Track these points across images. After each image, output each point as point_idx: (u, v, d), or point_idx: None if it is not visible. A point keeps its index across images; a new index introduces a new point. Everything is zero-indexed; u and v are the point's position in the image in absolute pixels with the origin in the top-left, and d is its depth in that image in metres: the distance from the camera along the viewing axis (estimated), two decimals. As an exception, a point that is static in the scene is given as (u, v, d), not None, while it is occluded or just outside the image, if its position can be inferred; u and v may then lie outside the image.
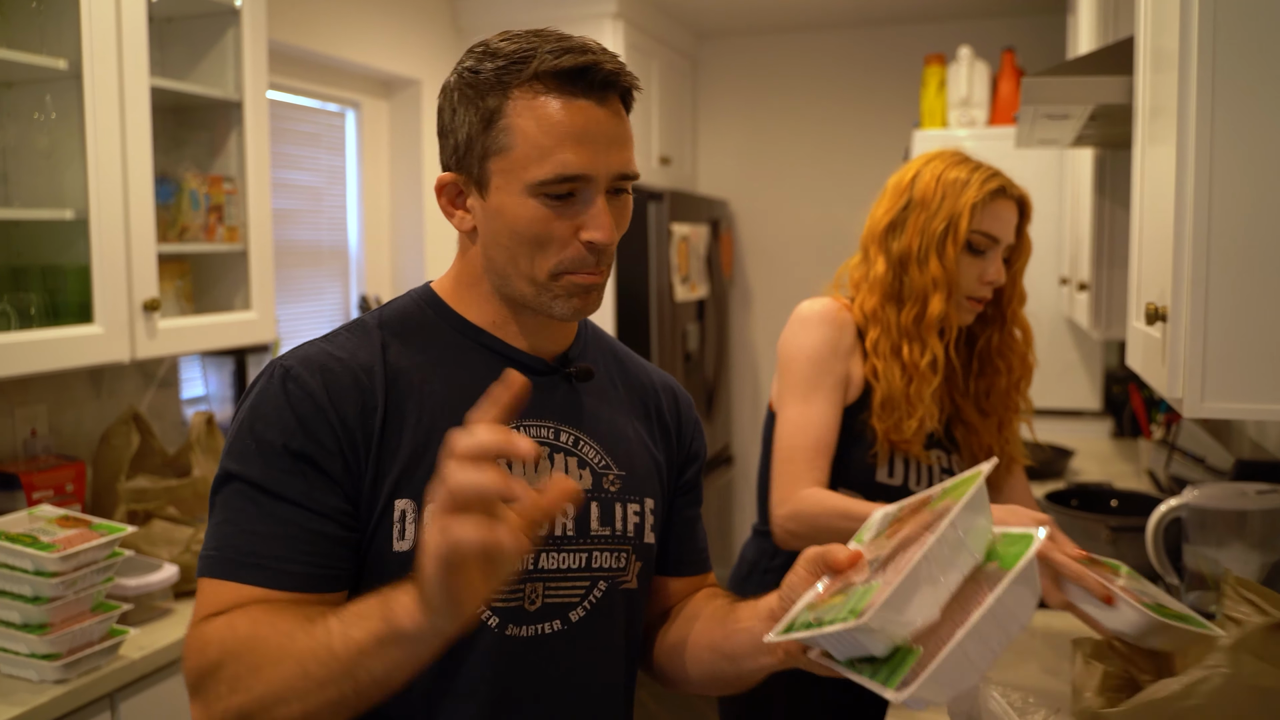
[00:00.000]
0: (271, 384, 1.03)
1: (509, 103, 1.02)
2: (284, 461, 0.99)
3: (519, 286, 1.07)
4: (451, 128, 1.06)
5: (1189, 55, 1.27)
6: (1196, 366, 1.29)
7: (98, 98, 2.03)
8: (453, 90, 1.06)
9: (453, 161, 1.07)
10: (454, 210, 1.09)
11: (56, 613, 1.62)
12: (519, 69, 1.01)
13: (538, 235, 1.03)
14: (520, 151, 1.01)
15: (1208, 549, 1.70)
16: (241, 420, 1.03)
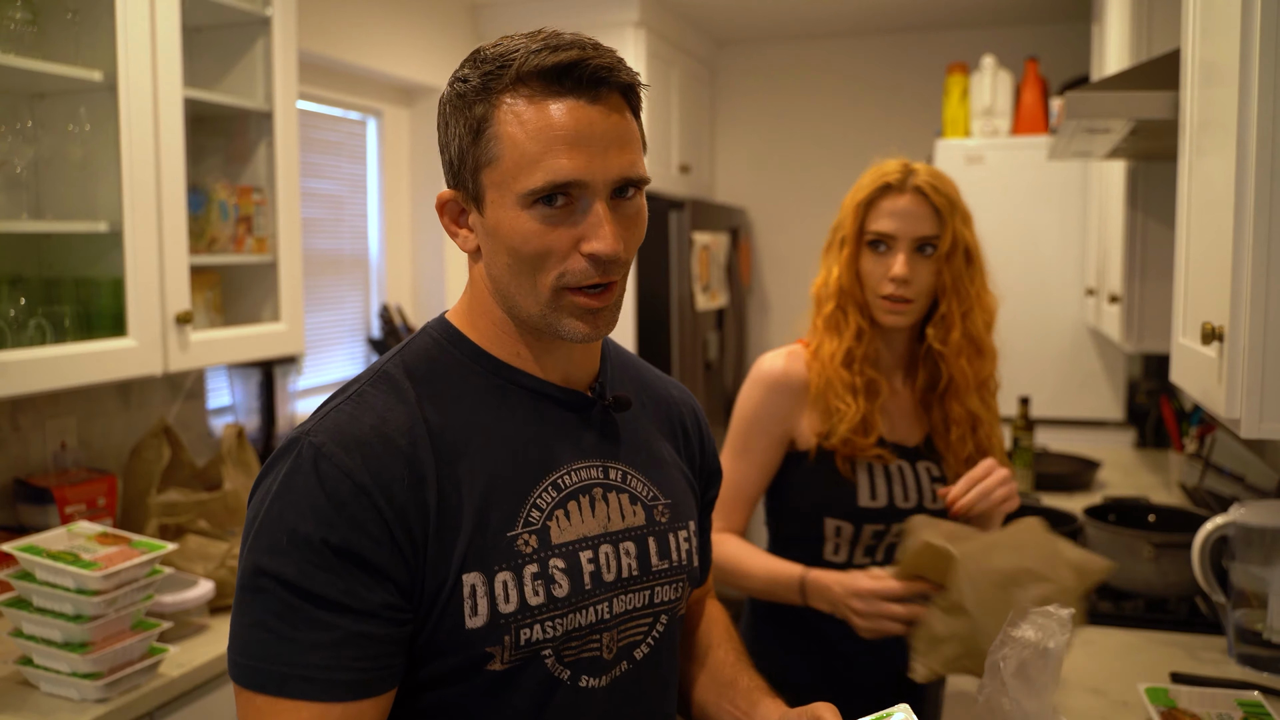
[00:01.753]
0: (301, 466, 0.92)
1: (495, 110, 0.94)
2: (324, 558, 0.89)
3: (526, 308, 0.99)
4: (445, 142, 0.98)
5: (1249, 68, 1.26)
6: (1256, 387, 1.28)
7: (132, 109, 2.02)
8: (445, 102, 0.99)
9: (450, 178, 1.00)
10: (457, 230, 1.01)
11: (98, 631, 1.61)
12: (502, 72, 0.94)
13: (536, 250, 0.94)
14: (509, 161, 0.93)
15: (1255, 567, 1.69)
16: (269, 508, 0.92)
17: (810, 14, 4.29)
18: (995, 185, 3.75)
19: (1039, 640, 1.12)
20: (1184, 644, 1.83)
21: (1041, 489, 2.92)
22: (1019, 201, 3.74)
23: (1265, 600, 1.68)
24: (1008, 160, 3.74)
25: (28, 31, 1.95)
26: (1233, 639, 1.73)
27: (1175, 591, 1.94)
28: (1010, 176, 3.74)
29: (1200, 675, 1.66)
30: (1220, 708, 1.46)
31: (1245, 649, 1.71)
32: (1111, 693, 1.62)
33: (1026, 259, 3.75)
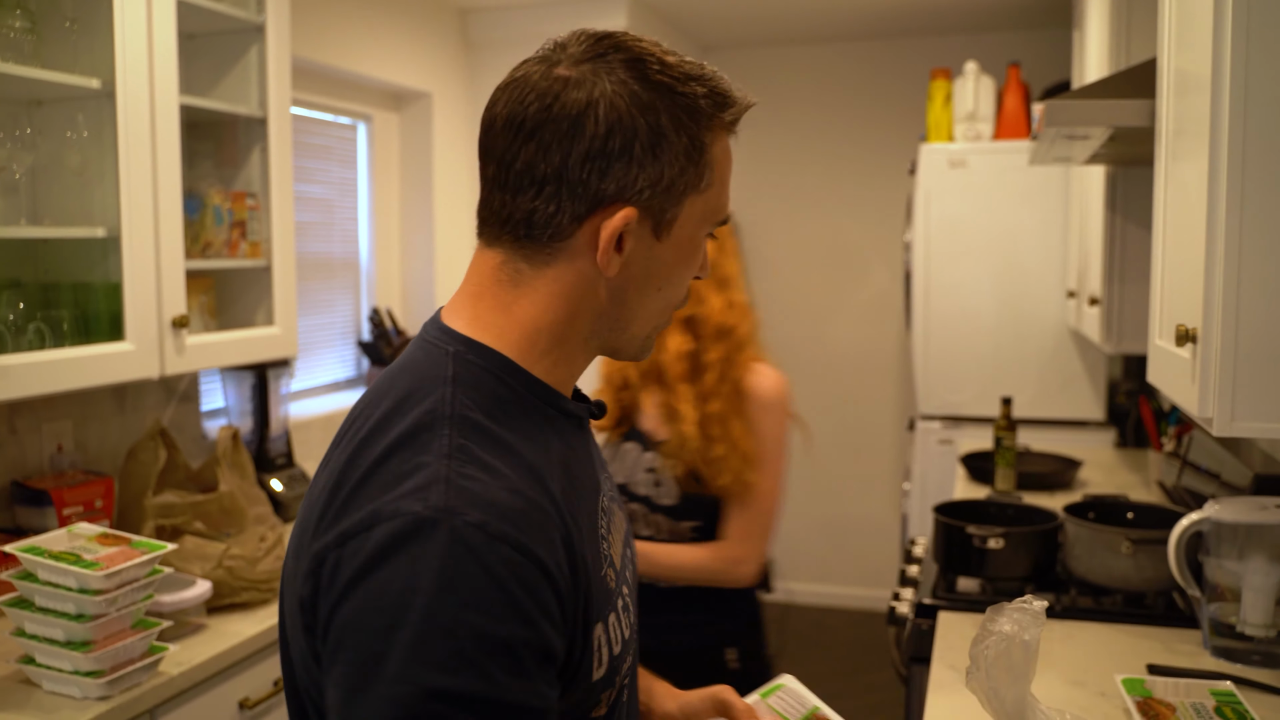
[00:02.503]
0: (463, 553, 0.75)
1: (714, 142, 0.90)
2: (516, 663, 0.75)
3: (635, 333, 0.94)
4: (652, 154, 0.86)
5: (1221, 79, 1.31)
6: (1227, 387, 1.32)
7: (130, 116, 2.05)
8: (656, 109, 0.86)
9: (643, 195, 0.87)
10: (614, 252, 0.88)
11: (100, 630, 1.64)
12: (727, 102, 0.90)
13: (685, 277, 0.94)
14: (716, 190, 0.92)
15: (1228, 562, 1.74)
16: (428, 611, 0.74)
17: (795, 19, 4.34)
18: (978, 189, 3.81)
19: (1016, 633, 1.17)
20: (1161, 637, 1.88)
21: (1023, 488, 2.97)
22: (1002, 205, 3.80)
23: (1239, 594, 1.73)
24: (990, 164, 3.80)
25: (26, 39, 1.98)
26: (1207, 632, 1.78)
27: (1153, 586, 1.99)
28: (993, 180, 3.80)
29: (1175, 667, 1.71)
30: (1194, 697, 1.51)
31: (1219, 641, 1.76)
32: (1090, 684, 1.67)
33: (1009, 262, 3.81)
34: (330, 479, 0.86)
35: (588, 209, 0.87)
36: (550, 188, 0.86)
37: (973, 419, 3.88)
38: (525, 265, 0.90)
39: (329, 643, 0.78)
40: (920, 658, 1.99)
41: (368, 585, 0.76)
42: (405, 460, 0.81)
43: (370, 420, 0.87)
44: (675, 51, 0.90)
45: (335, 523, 0.81)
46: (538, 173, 0.86)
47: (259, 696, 1.97)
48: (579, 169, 0.85)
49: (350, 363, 3.67)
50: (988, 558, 2.09)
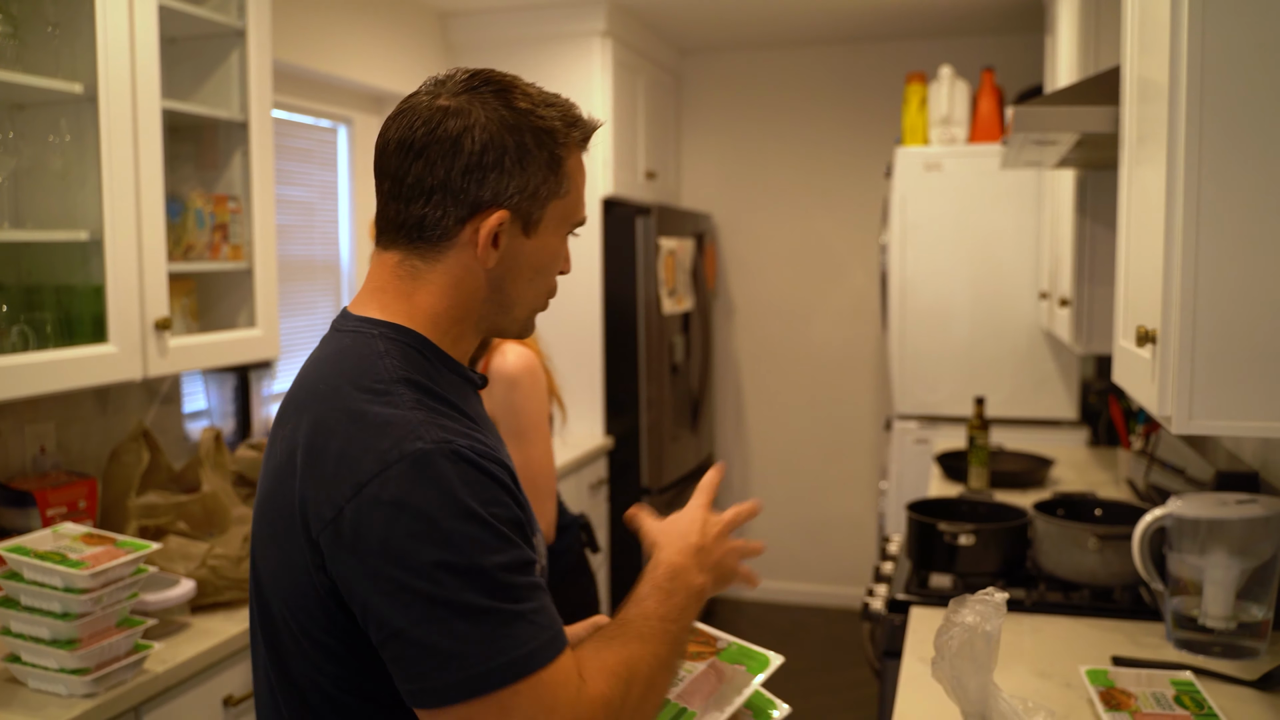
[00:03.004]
0: (452, 466, 0.96)
1: (569, 153, 1.11)
2: (519, 530, 0.98)
3: (515, 315, 1.14)
4: (519, 166, 1.06)
5: (1178, 86, 1.35)
6: (1185, 387, 1.37)
7: (112, 120, 2.07)
8: (519, 128, 1.06)
9: (512, 199, 1.06)
10: (490, 248, 1.07)
11: (85, 628, 1.66)
12: (576, 124, 1.11)
13: (554, 269, 1.15)
14: (573, 197, 1.13)
15: (1191, 556, 1.78)
16: (443, 511, 0.94)
17: (773, 23, 4.39)
18: (953, 192, 3.87)
19: (978, 623, 1.21)
20: (1126, 630, 1.93)
21: (997, 486, 3.03)
22: (976, 207, 3.85)
23: (1200, 588, 1.78)
24: (965, 167, 3.85)
25: (8, 44, 2.00)
26: (1170, 624, 1.83)
27: (1119, 581, 2.04)
28: (967, 183, 3.85)
29: (1139, 658, 1.76)
30: (1155, 687, 1.56)
31: (1182, 634, 1.81)
32: (1056, 675, 1.71)
33: (983, 263, 3.86)
34: (296, 445, 1.01)
35: (468, 212, 1.06)
36: (437, 196, 1.06)
37: (948, 418, 3.93)
38: (420, 262, 1.09)
39: (380, 570, 0.93)
40: (893, 652, 2.03)
41: (410, 512, 0.93)
42: (378, 417, 0.98)
43: (318, 396, 1.03)
44: (534, 85, 1.12)
45: (338, 479, 0.96)
46: (426, 185, 1.06)
47: (243, 694, 1.99)
48: (460, 180, 1.05)
49: (331, 364, 3.68)
50: (959, 554, 2.13)
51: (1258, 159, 1.30)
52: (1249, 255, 1.32)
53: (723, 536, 1.19)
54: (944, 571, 2.17)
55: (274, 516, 1.02)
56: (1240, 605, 1.76)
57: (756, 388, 5.04)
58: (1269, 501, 1.77)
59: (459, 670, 0.91)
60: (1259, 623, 1.76)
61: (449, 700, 0.92)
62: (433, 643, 0.92)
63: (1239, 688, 1.65)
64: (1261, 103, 1.30)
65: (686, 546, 1.14)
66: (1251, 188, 1.31)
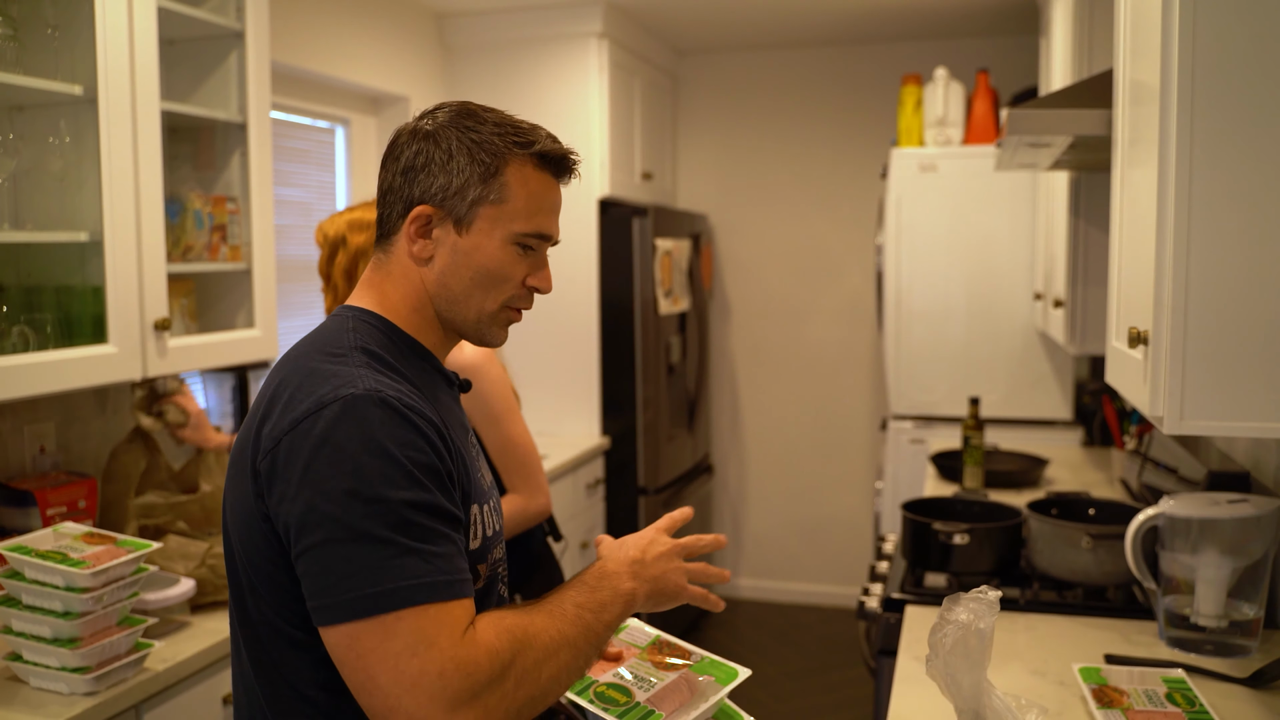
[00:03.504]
0: (375, 410, 1.07)
1: (508, 165, 1.21)
2: (436, 478, 1.08)
3: (465, 314, 1.24)
4: (443, 168, 1.20)
5: (1169, 89, 1.36)
6: (1176, 388, 1.38)
7: (111, 121, 2.07)
8: (449, 138, 1.20)
9: (436, 197, 1.20)
10: (417, 238, 1.21)
11: (86, 627, 1.67)
12: (523, 142, 1.21)
13: (503, 275, 1.22)
14: (512, 206, 1.21)
15: (1183, 555, 1.80)
16: (360, 446, 1.04)
17: (769, 25, 4.40)
18: (948, 193, 3.88)
19: (971, 621, 1.23)
20: (1119, 629, 1.94)
21: (991, 486, 3.04)
22: (971, 208, 3.87)
23: (1193, 586, 1.80)
24: (960, 169, 3.87)
25: (8, 46, 2.00)
26: (1163, 623, 1.85)
27: (1112, 580, 2.06)
28: (963, 184, 3.87)
29: (1131, 656, 1.78)
30: (1147, 685, 1.57)
31: (1174, 632, 1.83)
32: (1050, 673, 1.73)
33: (978, 264, 3.88)
34: (263, 398, 1.15)
35: (404, 208, 1.22)
36: (389, 196, 1.24)
37: (944, 419, 3.95)
38: (384, 255, 1.26)
39: (297, 494, 1.05)
40: (888, 650, 2.05)
41: (331, 445, 1.05)
42: (328, 372, 1.11)
43: (287, 361, 1.18)
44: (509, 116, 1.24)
45: (282, 418, 1.09)
46: (383, 188, 1.25)
47: (242, 693, 2.00)
48: (399, 180, 1.23)
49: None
50: (954, 553, 2.15)
51: (1248, 161, 1.32)
52: (1240, 257, 1.33)
53: (668, 556, 1.27)
54: (939, 570, 2.19)
55: (235, 458, 1.15)
56: (1231, 604, 1.77)
57: (753, 388, 5.05)
58: (1260, 501, 1.79)
59: (348, 590, 1.01)
60: (1250, 621, 1.77)
61: (337, 618, 1.02)
62: (330, 563, 1.02)
63: (1230, 685, 1.67)
64: (1252, 105, 1.31)
65: (624, 557, 1.24)
66: (1242, 190, 1.33)
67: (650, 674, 1.32)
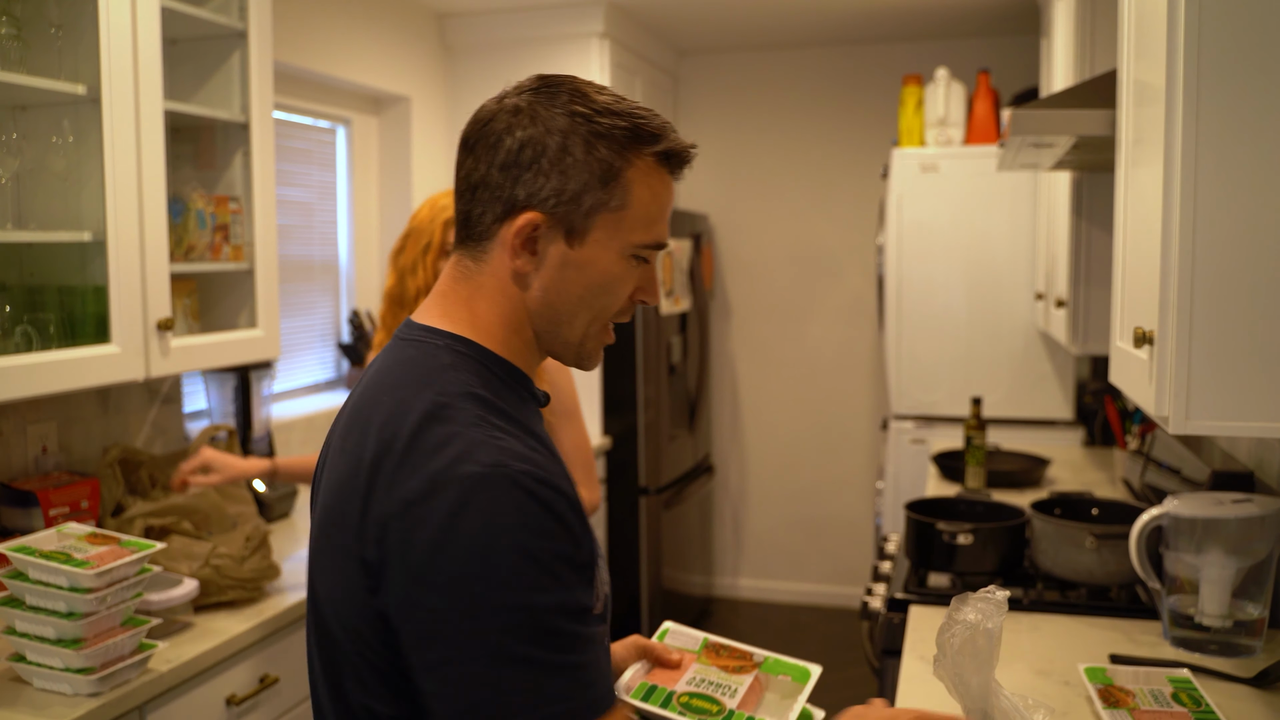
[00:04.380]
0: (517, 495, 0.90)
1: (630, 166, 1.03)
2: (576, 570, 0.92)
3: (567, 336, 1.07)
4: (556, 167, 1.01)
5: (1174, 89, 1.36)
6: (1182, 388, 1.38)
7: (115, 121, 2.07)
8: (562, 128, 1.01)
9: (548, 202, 1.01)
10: (522, 251, 1.03)
11: (90, 628, 1.67)
12: (650, 139, 1.04)
13: (615, 291, 1.06)
14: (633, 213, 1.04)
15: (1187, 555, 1.80)
16: (506, 545, 0.88)
17: (770, 25, 4.40)
18: (949, 193, 3.88)
19: (979, 621, 1.23)
20: (1123, 628, 1.94)
21: (993, 486, 3.04)
22: (972, 209, 3.87)
23: (1197, 586, 1.80)
24: (961, 169, 3.87)
25: (12, 46, 2.00)
26: (1167, 623, 1.85)
27: (1116, 580, 2.06)
28: (964, 184, 3.87)
29: (1136, 656, 1.78)
30: (1153, 685, 1.57)
31: (1178, 632, 1.82)
32: (1055, 673, 1.73)
33: (980, 264, 3.88)
34: (362, 461, 0.96)
35: (504, 211, 1.03)
36: (480, 192, 1.04)
37: (945, 419, 3.95)
38: (471, 262, 1.07)
39: (419, 599, 0.89)
40: (892, 650, 2.05)
41: (455, 541, 0.88)
42: (438, 433, 0.94)
43: (382, 407, 0.99)
44: (619, 97, 1.05)
45: (389, 491, 0.92)
46: (472, 180, 1.05)
47: (245, 693, 2.00)
48: (498, 176, 1.02)
49: (330, 364, 3.70)
50: (957, 553, 2.15)
51: (1254, 161, 1.32)
52: (1246, 256, 1.33)
53: None
54: (942, 570, 2.19)
55: (333, 532, 0.98)
56: (1236, 604, 1.77)
57: (753, 388, 5.05)
58: (1264, 501, 1.79)
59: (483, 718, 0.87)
60: (1255, 621, 1.77)
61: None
62: (465, 687, 0.87)
63: (1235, 685, 1.66)
64: (1258, 105, 1.31)
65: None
66: (1248, 189, 1.33)
67: (723, 679, 1.27)
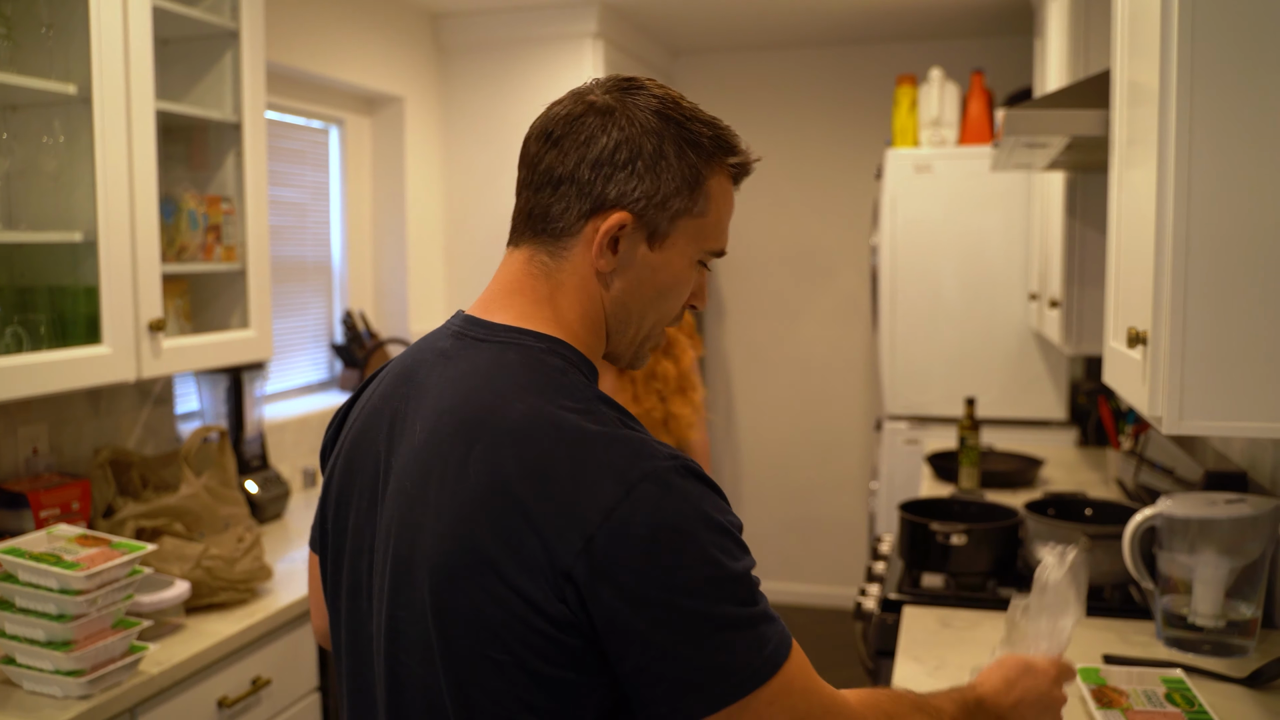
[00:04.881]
0: (690, 481, 0.94)
1: (713, 174, 1.06)
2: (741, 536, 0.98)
3: (632, 335, 1.09)
4: (651, 170, 1.02)
5: (1168, 90, 1.36)
6: (1175, 388, 1.38)
7: (106, 121, 2.06)
8: (657, 131, 1.02)
9: (638, 204, 1.02)
10: (607, 250, 1.03)
11: (81, 630, 1.66)
12: (730, 149, 1.07)
13: (680, 293, 1.08)
14: (710, 220, 1.06)
15: (1180, 555, 1.80)
16: (693, 524, 0.91)
17: (764, 25, 4.40)
18: (943, 193, 3.89)
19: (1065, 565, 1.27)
20: (1117, 629, 1.94)
21: (987, 486, 3.04)
22: (966, 209, 3.87)
23: (1190, 586, 1.80)
24: (955, 169, 3.87)
25: (2, 45, 2.00)
26: (1160, 623, 1.85)
27: (1109, 580, 2.06)
28: (957, 185, 3.87)
29: (1129, 656, 1.78)
30: (1146, 685, 1.57)
31: (1172, 632, 1.82)
32: (1048, 674, 1.72)
33: (973, 265, 3.88)
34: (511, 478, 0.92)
35: (592, 208, 1.02)
36: (564, 187, 1.02)
37: (938, 419, 3.95)
38: (548, 259, 1.04)
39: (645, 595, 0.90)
40: (886, 651, 2.05)
41: (667, 531, 0.90)
42: (603, 436, 0.94)
43: (509, 416, 0.95)
44: (696, 105, 1.07)
45: (577, 505, 0.90)
46: (556, 174, 1.03)
47: (237, 695, 1.99)
48: (588, 173, 1.02)
49: (324, 365, 3.69)
50: (951, 553, 2.15)
51: (1248, 161, 1.32)
52: (1240, 257, 1.33)
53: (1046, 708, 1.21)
54: (936, 571, 2.18)
55: (476, 552, 0.93)
56: (1229, 604, 1.77)
57: (747, 388, 5.05)
58: (1257, 501, 1.79)
59: (723, 679, 0.91)
60: (1248, 621, 1.77)
61: (710, 709, 0.91)
62: (698, 658, 0.91)
63: (1228, 685, 1.67)
64: (1251, 105, 1.31)
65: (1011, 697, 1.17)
66: (1241, 189, 1.33)
67: None
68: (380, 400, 1.08)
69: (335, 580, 1.10)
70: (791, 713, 0.94)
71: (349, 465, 1.08)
